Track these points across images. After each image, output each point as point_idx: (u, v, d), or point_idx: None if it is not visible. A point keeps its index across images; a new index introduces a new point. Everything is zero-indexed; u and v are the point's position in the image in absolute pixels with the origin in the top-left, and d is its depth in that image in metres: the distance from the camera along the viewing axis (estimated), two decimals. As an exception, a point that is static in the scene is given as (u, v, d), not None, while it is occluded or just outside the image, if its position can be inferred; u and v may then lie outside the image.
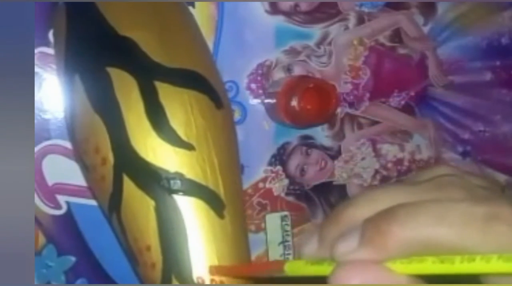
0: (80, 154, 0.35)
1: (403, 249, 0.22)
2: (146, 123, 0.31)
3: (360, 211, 0.25)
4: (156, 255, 0.31)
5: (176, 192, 0.31)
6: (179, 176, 0.31)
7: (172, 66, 0.32)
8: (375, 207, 0.24)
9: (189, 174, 0.31)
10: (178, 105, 0.32)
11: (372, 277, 0.22)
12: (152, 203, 0.31)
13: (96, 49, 0.33)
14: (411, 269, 0.23)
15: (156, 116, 0.31)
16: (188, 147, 0.31)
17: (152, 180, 0.31)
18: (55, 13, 0.35)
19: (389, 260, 0.23)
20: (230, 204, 0.32)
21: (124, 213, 0.32)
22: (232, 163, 0.33)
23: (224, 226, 0.32)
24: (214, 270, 0.32)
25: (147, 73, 0.32)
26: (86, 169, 0.34)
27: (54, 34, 0.36)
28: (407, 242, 0.22)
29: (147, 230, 0.31)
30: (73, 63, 0.34)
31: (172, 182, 0.31)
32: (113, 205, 0.32)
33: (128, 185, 0.31)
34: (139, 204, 0.31)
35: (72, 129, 0.35)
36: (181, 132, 0.31)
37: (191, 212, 0.31)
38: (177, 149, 0.31)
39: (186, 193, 0.31)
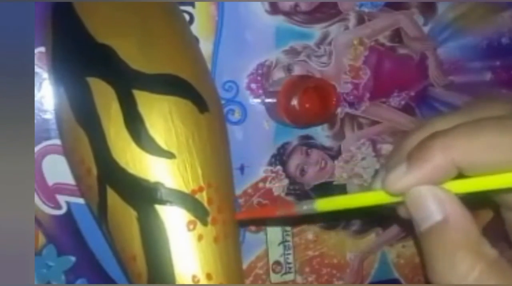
0: (70, 164, 0.35)
1: (449, 165, 0.23)
2: (125, 134, 0.31)
3: (419, 138, 0.25)
4: (141, 265, 0.31)
5: (157, 202, 0.31)
6: (160, 185, 0.31)
7: (152, 72, 0.32)
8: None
9: (169, 183, 0.31)
10: (157, 114, 0.31)
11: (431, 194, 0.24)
12: (134, 214, 0.31)
13: (77, 59, 0.32)
14: (464, 186, 0.24)
15: (136, 126, 0.31)
16: (168, 155, 0.31)
17: (133, 190, 0.31)
18: (43, 24, 0.35)
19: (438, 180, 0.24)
20: (216, 210, 0.32)
21: (111, 223, 0.32)
22: (218, 167, 0.33)
23: (208, 233, 0.31)
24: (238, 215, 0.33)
25: (126, 83, 0.31)
26: (76, 179, 0.35)
27: (44, 45, 0.36)
28: (452, 155, 0.23)
29: (132, 241, 0.31)
30: (58, 75, 0.33)
31: (153, 192, 0.31)
32: (101, 215, 0.32)
33: (112, 196, 0.31)
34: (122, 214, 0.31)
35: (61, 140, 0.35)
36: (161, 141, 0.31)
37: (173, 221, 0.31)
38: (157, 158, 0.31)
39: (167, 202, 0.31)
